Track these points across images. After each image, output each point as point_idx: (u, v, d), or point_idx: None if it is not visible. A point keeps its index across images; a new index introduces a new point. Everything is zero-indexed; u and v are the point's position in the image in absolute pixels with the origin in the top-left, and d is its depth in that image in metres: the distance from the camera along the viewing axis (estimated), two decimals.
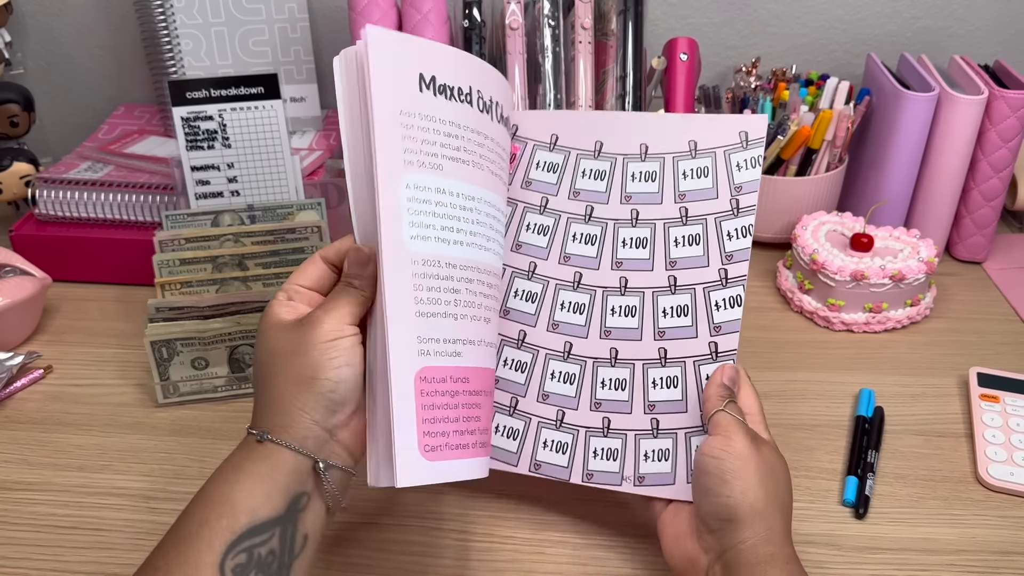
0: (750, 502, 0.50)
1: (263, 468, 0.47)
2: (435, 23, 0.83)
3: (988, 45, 1.03)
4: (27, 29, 1.08)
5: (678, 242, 0.60)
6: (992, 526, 0.63)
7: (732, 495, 0.50)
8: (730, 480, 0.51)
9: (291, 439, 0.48)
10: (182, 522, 0.46)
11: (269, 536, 0.46)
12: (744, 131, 0.60)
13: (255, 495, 0.46)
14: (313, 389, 0.48)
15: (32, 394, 0.76)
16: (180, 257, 0.78)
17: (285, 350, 0.49)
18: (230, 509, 0.45)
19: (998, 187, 0.90)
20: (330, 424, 0.49)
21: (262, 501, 0.46)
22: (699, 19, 1.03)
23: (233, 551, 0.44)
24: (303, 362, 0.48)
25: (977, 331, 0.84)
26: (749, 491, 0.50)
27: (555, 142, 0.62)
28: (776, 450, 0.54)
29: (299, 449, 0.48)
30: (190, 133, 0.81)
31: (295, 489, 0.47)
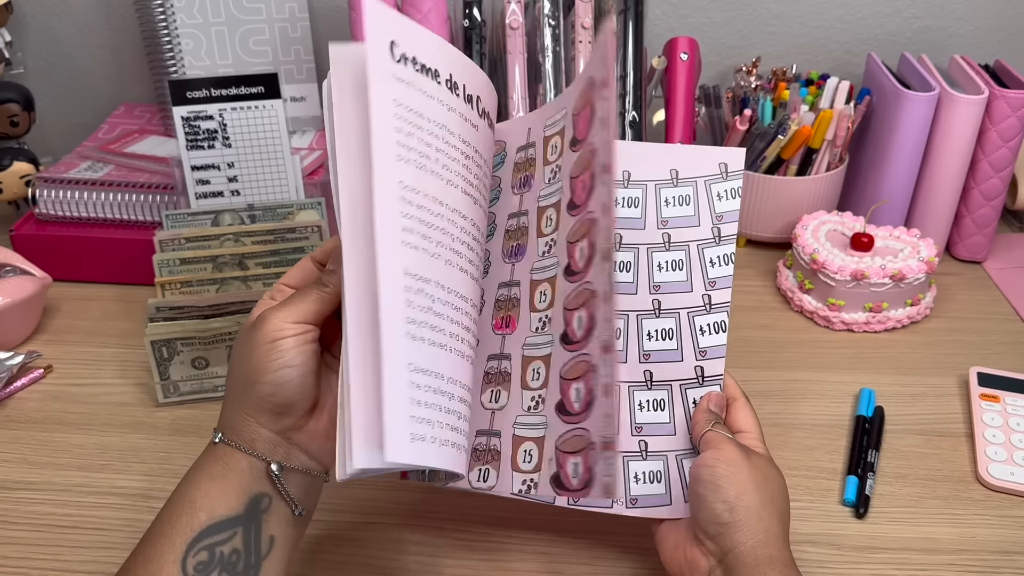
0: (745, 504, 0.50)
1: (218, 468, 0.48)
2: (435, 22, 0.83)
3: (988, 45, 1.03)
4: (27, 29, 1.08)
5: (661, 267, 0.60)
6: (992, 526, 0.63)
7: (727, 499, 0.51)
8: (723, 485, 0.51)
9: (240, 441, 0.48)
10: (153, 524, 0.48)
11: (231, 535, 0.46)
12: (724, 163, 0.61)
13: (211, 494, 0.47)
14: (254, 392, 0.47)
15: (32, 393, 0.76)
16: (180, 256, 0.78)
17: (239, 351, 0.49)
18: (189, 507, 0.46)
19: (998, 187, 0.90)
20: (279, 427, 0.48)
21: (218, 500, 0.46)
22: (699, 19, 1.03)
23: (194, 548, 0.45)
24: (246, 365, 0.47)
25: (977, 331, 0.84)
26: (744, 494, 0.51)
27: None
28: (771, 461, 0.55)
29: (249, 451, 0.48)
30: (190, 133, 0.81)
31: (253, 490, 0.47)
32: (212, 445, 0.49)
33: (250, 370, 0.47)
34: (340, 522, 0.63)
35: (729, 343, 0.81)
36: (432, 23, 0.82)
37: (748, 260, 0.95)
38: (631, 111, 0.81)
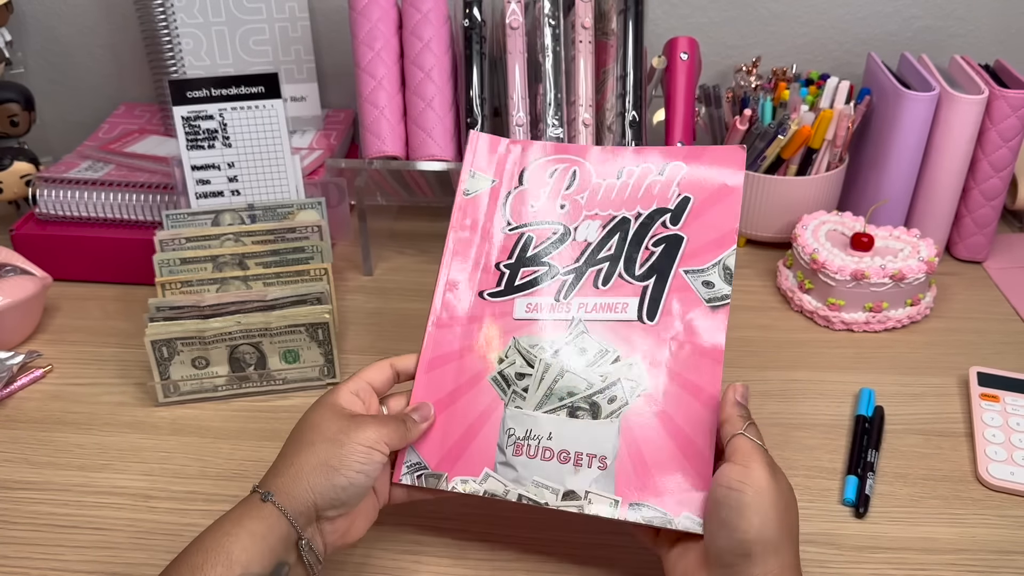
0: (766, 538, 0.48)
1: (260, 527, 0.50)
2: (435, 22, 0.83)
3: (988, 45, 1.03)
4: (28, 28, 1.08)
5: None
6: (992, 525, 0.63)
7: (750, 530, 0.48)
8: (749, 515, 0.48)
9: (290, 508, 0.51)
10: (176, 566, 0.49)
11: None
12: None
13: (250, 550, 0.48)
14: (330, 477, 0.51)
15: (32, 393, 0.76)
16: (180, 256, 0.78)
17: (326, 432, 0.53)
18: (226, 559, 0.48)
19: (998, 186, 0.90)
20: (323, 513, 0.52)
21: (255, 557, 0.48)
22: (699, 18, 1.03)
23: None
24: (335, 451, 0.52)
25: (977, 330, 0.84)
26: (766, 527, 0.48)
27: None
28: (785, 477, 0.52)
29: (293, 520, 0.50)
30: (190, 132, 0.81)
31: (282, 555, 0.50)
32: (258, 502, 0.51)
33: (336, 457, 0.52)
34: None
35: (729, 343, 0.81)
36: (432, 23, 0.82)
37: (748, 260, 0.95)
38: (631, 111, 0.81)
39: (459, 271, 0.63)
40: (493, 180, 0.65)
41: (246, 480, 0.67)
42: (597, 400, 0.58)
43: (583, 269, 0.61)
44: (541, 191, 0.64)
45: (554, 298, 0.61)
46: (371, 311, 0.87)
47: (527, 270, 0.62)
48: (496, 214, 0.64)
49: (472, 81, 0.82)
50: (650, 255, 0.61)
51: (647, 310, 0.59)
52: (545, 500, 0.56)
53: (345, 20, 0.86)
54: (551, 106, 0.81)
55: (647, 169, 0.64)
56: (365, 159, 0.84)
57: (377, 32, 0.83)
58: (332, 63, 1.07)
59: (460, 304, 0.62)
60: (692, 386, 0.57)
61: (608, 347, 0.59)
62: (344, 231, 0.90)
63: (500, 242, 0.64)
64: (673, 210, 0.62)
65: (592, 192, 0.64)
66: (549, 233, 0.63)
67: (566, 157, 0.65)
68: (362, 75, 0.83)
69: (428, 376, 0.60)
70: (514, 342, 0.60)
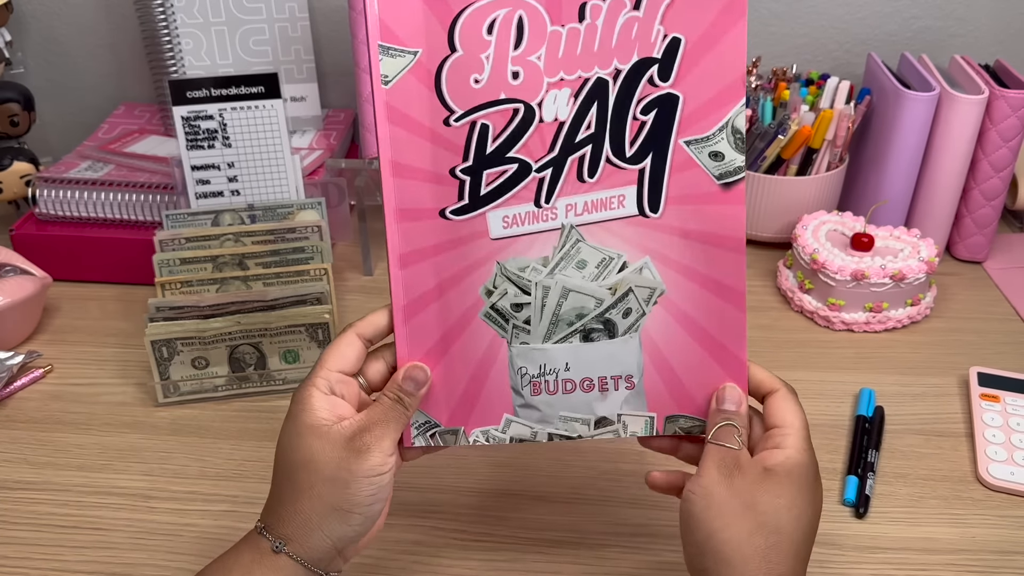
0: (716, 548, 0.46)
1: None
2: None
3: (988, 45, 1.03)
4: (27, 28, 1.08)
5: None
6: (992, 526, 0.63)
7: (697, 541, 0.47)
8: (694, 526, 0.47)
9: (308, 557, 0.47)
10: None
11: None
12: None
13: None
14: (345, 520, 0.47)
15: (32, 393, 0.76)
16: (180, 256, 0.78)
17: (323, 471, 0.47)
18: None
19: (998, 186, 0.90)
20: (344, 548, 0.48)
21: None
22: None
23: None
24: (342, 492, 0.47)
25: (977, 331, 0.84)
26: (714, 535, 0.46)
27: None
28: (777, 476, 0.48)
29: (314, 567, 0.47)
30: (190, 132, 0.81)
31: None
32: (269, 553, 0.47)
33: (345, 499, 0.47)
34: None
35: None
36: None
37: (748, 260, 0.94)
38: None
39: (408, 189, 0.50)
40: (416, 51, 0.49)
41: (246, 480, 0.67)
42: (611, 317, 0.51)
43: (561, 160, 0.50)
44: (484, 56, 0.49)
45: (534, 203, 0.50)
46: (371, 311, 0.86)
47: (492, 172, 0.50)
48: (432, 100, 0.49)
49: None
50: (640, 126, 0.50)
51: (648, 200, 0.50)
52: (578, 433, 0.52)
53: (345, 20, 0.86)
54: None
55: (619, 5, 0.48)
56: (365, 159, 0.84)
57: None
58: (332, 63, 1.07)
59: (420, 231, 0.51)
60: (713, 283, 0.51)
61: (610, 253, 0.51)
62: (344, 231, 0.90)
63: (449, 138, 0.50)
64: (661, 60, 0.49)
65: (550, 47, 0.49)
66: (508, 114, 0.49)
67: (507, 2, 0.48)
68: (362, 75, 0.83)
69: (408, 327, 0.52)
70: (499, 268, 0.51)
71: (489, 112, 0.49)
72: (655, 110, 0.49)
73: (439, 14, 0.48)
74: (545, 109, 0.49)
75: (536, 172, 0.50)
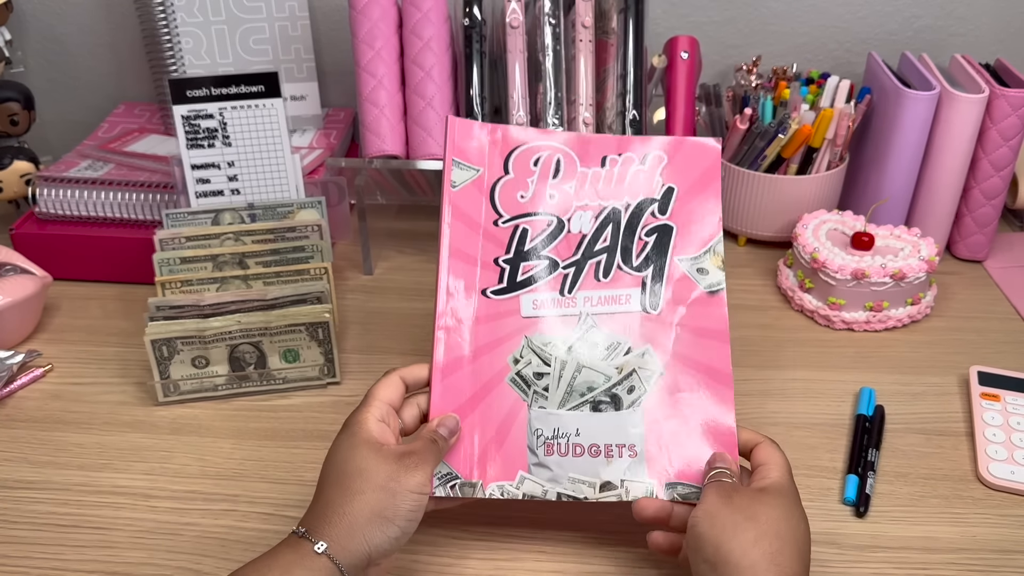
0: (724, 558, 0.50)
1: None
2: (435, 21, 0.83)
3: (989, 44, 1.03)
4: (27, 27, 1.08)
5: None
6: (992, 525, 0.63)
7: (707, 558, 0.50)
8: (702, 545, 0.51)
9: (345, 562, 0.50)
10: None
11: None
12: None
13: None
14: (385, 530, 0.51)
15: (32, 392, 0.76)
16: (180, 255, 0.78)
17: (376, 479, 0.52)
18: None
19: (999, 185, 0.90)
20: (375, 561, 0.51)
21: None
22: (700, 17, 1.03)
23: None
24: (390, 501, 0.51)
25: (978, 330, 0.84)
26: (722, 546, 0.50)
27: None
28: (770, 493, 0.53)
29: (348, 574, 0.50)
30: (190, 131, 0.81)
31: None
32: (311, 553, 0.49)
33: (391, 508, 0.51)
34: None
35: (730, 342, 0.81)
36: (432, 22, 0.82)
37: (748, 259, 0.95)
38: (631, 110, 0.81)
39: (458, 270, 0.62)
40: (478, 170, 0.64)
41: (246, 479, 0.67)
42: (617, 392, 0.60)
43: (582, 262, 0.63)
44: (529, 180, 0.64)
45: (559, 292, 0.62)
46: (371, 310, 0.87)
47: (527, 265, 0.62)
48: (486, 206, 0.63)
49: (472, 80, 0.82)
50: (644, 244, 0.63)
51: (649, 301, 0.62)
52: (584, 495, 0.58)
53: (345, 19, 0.86)
54: (551, 105, 0.81)
55: (630, 158, 0.65)
56: (365, 158, 0.84)
57: (377, 31, 0.83)
58: (332, 62, 1.07)
59: (464, 305, 0.62)
60: (704, 367, 0.60)
61: (619, 339, 0.61)
62: (344, 230, 0.90)
63: (496, 235, 0.63)
64: (659, 200, 0.64)
65: (579, 181, 0.64)
66: (544, 224, 0.63)
67: (548, 143, 0.65)
68: (362, 74, 0.83)
69: (444, 383, 0.60)
70: (527, 341, 0.61)
71: (529, 220, 0.63)
72: (656, 234, 0.63)
73: (500, 148, 0.65)
74: (572, 223, 0.63)
75: (562, 269, 0.63)
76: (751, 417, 0.73)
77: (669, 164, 0.64)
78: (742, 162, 0.93)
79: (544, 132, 0.66)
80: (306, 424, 0.72)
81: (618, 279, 0.62)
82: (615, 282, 0.62)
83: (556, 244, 0.63)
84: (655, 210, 0.64)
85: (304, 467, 0.68)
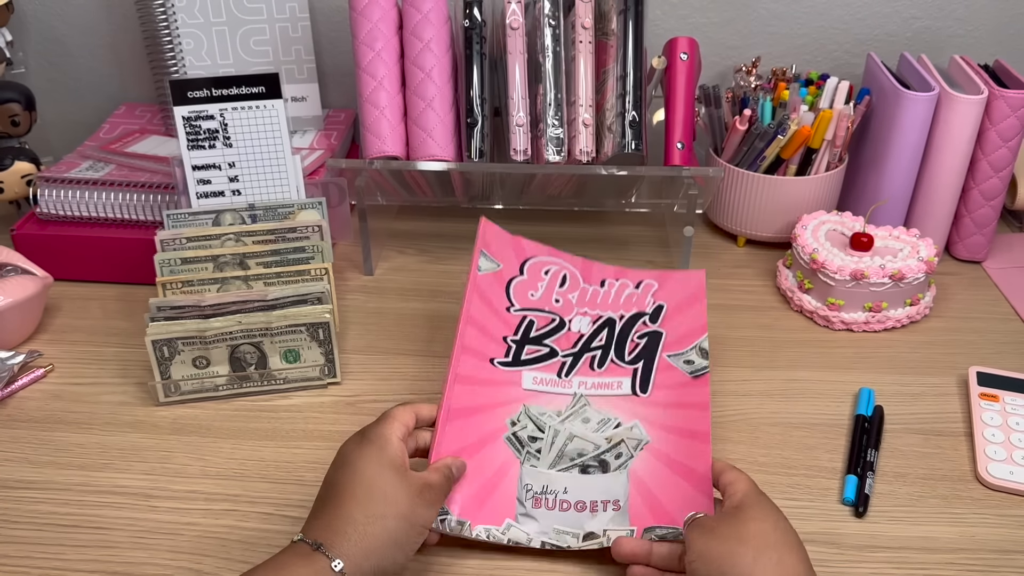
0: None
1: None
2: (435, 23, 0.83)
3: (988, 45, 1.03)
4: (28, 28, 1.08)
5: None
6: (991, 525, 0.64)
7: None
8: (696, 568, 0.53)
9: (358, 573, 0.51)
10: None
11: None
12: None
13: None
14: (395, 556, 0.53)
15: (33, 393, 0.76)
16: (181, 256, 0.78)
17: (400, 507, 0.54)
18: None
19: (998, 186, 0.90)
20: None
21: None
22: (699, 19, 1.03)
23: None
24: (406, 531, 0.54)
25: (977, 330, 0.84)
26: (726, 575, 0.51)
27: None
28: (744, 512, 0.54)
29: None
30: (191, 132, 0.81)
31: None
32: (331, 571, 0.50)
33: (405, 536, 0.53)
34: None
35: (729, 342, 0.82)
36: (432, 23, 0.83)
37: (748, 260, 0.96)
38: (631, 111, 0.81)
39: (473, 338, 0.70)
40: (499, 265, 0.75)
41: (247, 479, 0.67)
42: (605, 458, 0.65)
43: (580, 354, 0.72)
44: (539, 284, 0.76)
45: (557, 375, 0.70)
46: (371, 311, 0.87)
47: (531, 348, 0.71)
48: (502, 294, 0.74)
49: (472, 81, 0.82)
50: (636, 346, 0.72)
51: (639, 386, 0.69)
52: (567, 544, 0.60)
53: (345, 20, 0.86)
54: (551, 106, 0.82)
55: (624, 283, 0.77)
56: (366, 159, 0.84)
57: (377, 32, 0.83)
58: (333, 63, 1.07)
59: (475, 367, 0.69)
60: (686, 431, 0.66)
61: (609, 416, 0.67)
62: (344, 231, 0.90)
63: (506, 319, 0.73)
64: (651, 314, 0.75)
65: (581, 294, 0.76)
66: (548, 320, 0.74)
67: (558, 261, 0.78)
68: (363, 75, 0.84)
69: (448, 427, 0.64)
70: (524, 408, 0.67)
71: (536, 314, 0.74)
72: (647, 338, 0.73)
73: (518, 254, 0.77)
74: (573, 324, 0.74)
75: (561, 357, 0.71)
76: (750, 417, 0.73)
77: (660, 289, 0.76)
78: (741, 163, 0.93)
79: (556, 253, 0.78)
80: (307, 424, 0.73)
81: (611, 370, 0.70)
82: (608, 372, 0.70)
83: (557, 337, 0.72)
84: (647, 320, 0.74)
85: (304, 467, 0.68)
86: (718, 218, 0.99)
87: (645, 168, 0.85)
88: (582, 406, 0.68)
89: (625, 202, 0.95)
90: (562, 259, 0.78)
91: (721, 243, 0.99)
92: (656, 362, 0.71)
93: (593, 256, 0.80)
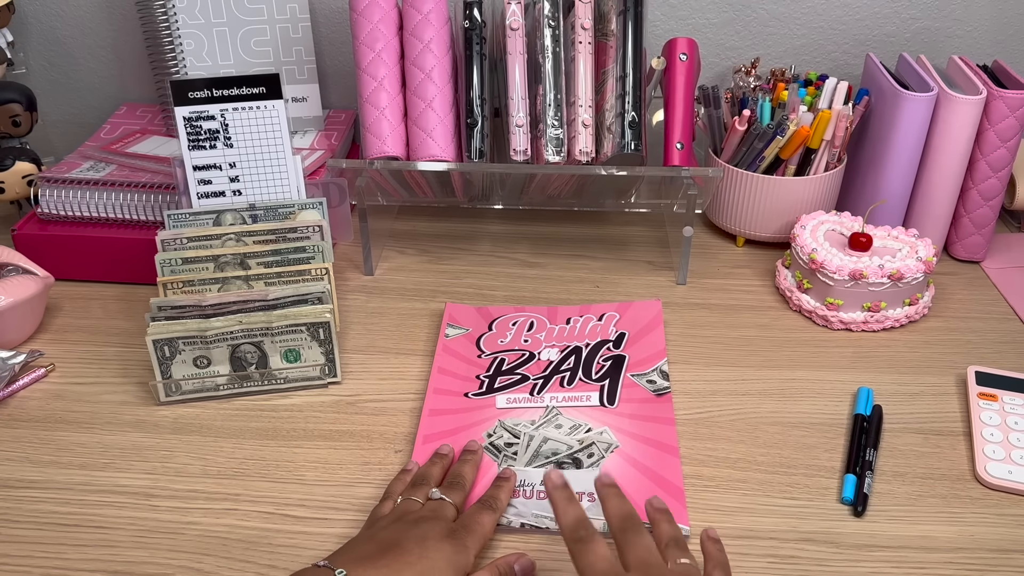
0: None
1: None
2: (436, 23, 0.83)
3: (986, 45, 1.03)
4: (29, 29, 1.09)
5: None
6: (990, 524, 0.64)
7: None
8: None
9: None
10: None
11: None
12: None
13: None
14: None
15: (34, 392, 0.77)
16: (182, 256, 0.78)
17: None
18: None
19: (996, 187, 0.90)
20: None
21: None
22: (698, 20, 1.04)
23: None
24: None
25: (975, 330, 0.85)
26: None
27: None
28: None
29: None
30: (192, 133, 0.82)
31: None
32: None
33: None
34: (340, 520, 0.63)
35: (729, 342, 0.82)
36: (432, 24, 0.83)
37: (747, 260, 0.96)
38: (630, 111, 0.81)
39: (445, 382, 0.76)
40: (468, 329, 0.82)
41: (247, 479, 0.67)
42: (578, 456, 0.68)
43: (550, 376, 0.76)
44: (508, 333, 0.82)
45: (529, 393, 0.74)
46: (372, 310, 0.87)
47: (504, 378, 0.76)
48: (472, 347, 0.80)
49: (472, 82, 0.82)
50: (602, 367, 0.77)
51: (607, 398, 0.74)
52: (546, 525, 0.63)
53: (346, 21, 0.86)
54: (551, 107, 0.82)
55: (588, 318, 0.83)
56: (366, 159, 0.85)
57: (378, 33, 0.83)
58: (333, 64, 1.07)
59: (448, 401, 0.74)
60: (654, 442, 0.69)
61: (580, 422, 0.71)
62: (345, 231, 0.90)
63: (477, 363, 0.78)
64: (614, 340, 0.80)
65: (548, 332, 0.82)
66: (518, 356, 0.79)
67: (524, 314, 0.84)
68: (363, 76, 0.84)
69: (427, 447, 0.69)
70: (500, 423, 0.72)
71: (506, 353, 0.79)
72: (611, 361, 0.78)
73: (485, 317, 0.84)
74: (542, 355, 0.79)
75: (532, 380, 0.76)
76: (750, 417, 0.73)
77: (621, 319, 0.83)
78: (740, 163, 0.93)
79: (522, 308, 0.85)
80: (307, 424, 0.73)
81: (580, 386, 0.75)
82: (577, 388, 0.75)
83: (528, 367, 0.77)
84: (611, 346, 0.80)
85: (305, 467, 0.68)
86: (717, 218, 0.99)
87: (644, 168, 0.85)
88: (554, 415, 0.72)
89: (625, 202, 0.96)
90: (528, 311, 0.84)
91: (720, 243, 0.99)
92: (621, 379, 0.76)
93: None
